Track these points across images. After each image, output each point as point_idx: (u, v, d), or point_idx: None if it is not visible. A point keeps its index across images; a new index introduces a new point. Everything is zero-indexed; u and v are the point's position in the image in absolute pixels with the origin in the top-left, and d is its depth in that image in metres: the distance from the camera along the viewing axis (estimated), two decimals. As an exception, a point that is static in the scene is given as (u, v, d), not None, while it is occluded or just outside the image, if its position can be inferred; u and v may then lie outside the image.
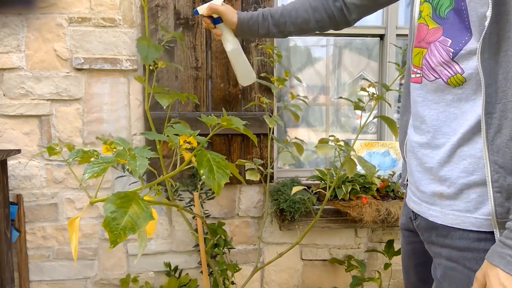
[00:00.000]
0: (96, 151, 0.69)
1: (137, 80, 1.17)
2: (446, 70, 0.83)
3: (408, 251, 1.07)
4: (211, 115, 0.70)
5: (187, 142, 0.67)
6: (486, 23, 0.71)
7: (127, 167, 1.87)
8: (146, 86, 1.11)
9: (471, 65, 0.79)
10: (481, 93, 0.77)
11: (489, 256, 0.73)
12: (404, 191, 1.07)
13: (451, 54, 0.82)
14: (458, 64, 0.81)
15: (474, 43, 0.77)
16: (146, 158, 0.61)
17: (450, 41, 0.82)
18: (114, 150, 0.62)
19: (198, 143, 0.67)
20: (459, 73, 0.81)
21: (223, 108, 0.90)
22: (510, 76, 0.72)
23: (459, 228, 0.81)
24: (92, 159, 0.61)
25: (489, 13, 0.70)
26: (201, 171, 0.62)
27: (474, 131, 0.80)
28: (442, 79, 0.84)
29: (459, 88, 0.82)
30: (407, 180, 1.04)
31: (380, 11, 2.23)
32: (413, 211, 0.96)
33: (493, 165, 0.75)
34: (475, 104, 0.80)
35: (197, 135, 0.69)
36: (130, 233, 0.55)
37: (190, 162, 0.67)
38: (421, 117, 0.90)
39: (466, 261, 0.80)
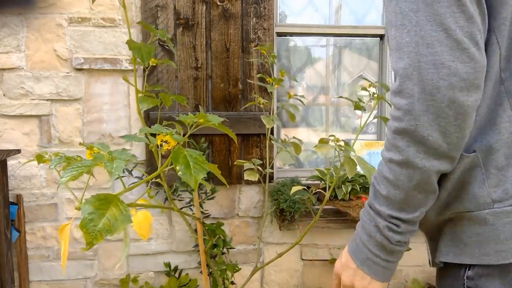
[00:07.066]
0: (80, 156, 0.69)
1: (124, 80, 1.16)
2: None
3: None
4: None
5: (165, 142, 0.67)
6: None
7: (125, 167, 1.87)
8: (135, 88, 1.10)
9: None
10: None
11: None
12: None
13: None
14: None
15: None
16: (124, 160, 0.62)
17: None
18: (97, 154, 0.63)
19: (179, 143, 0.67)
20: None
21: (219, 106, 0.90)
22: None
23: None
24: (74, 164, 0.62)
25: None
26: (177, 168, 0.62)
27: None
28: None
29: None
30: None
31: (380, 11, 2.23)
32: None
33: None
34: None
35: (198, 134, 0.69)
36: (107, 235, 0.55)
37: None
38: None
39: None
